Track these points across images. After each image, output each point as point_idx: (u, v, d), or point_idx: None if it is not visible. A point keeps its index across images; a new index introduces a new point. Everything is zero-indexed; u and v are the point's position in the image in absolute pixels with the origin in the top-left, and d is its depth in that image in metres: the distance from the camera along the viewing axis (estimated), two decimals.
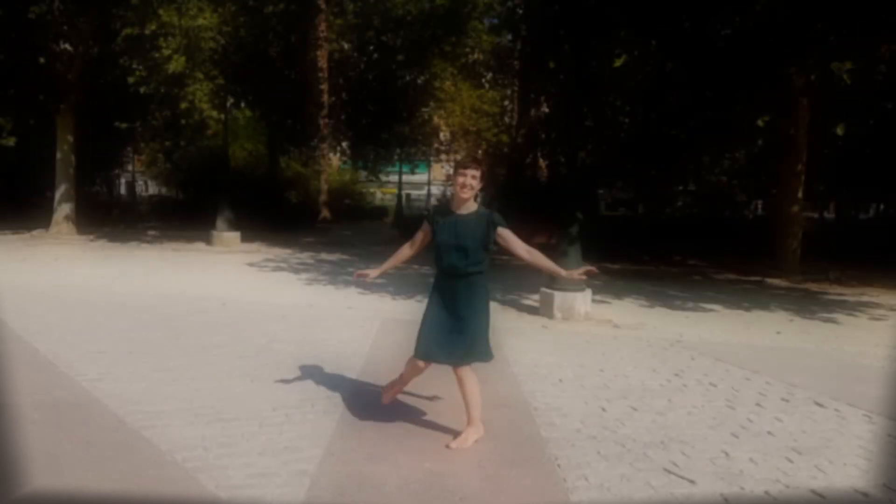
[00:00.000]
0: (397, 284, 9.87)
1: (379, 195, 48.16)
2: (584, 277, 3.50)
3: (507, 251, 3.47)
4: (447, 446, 3.47)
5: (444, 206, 3.55)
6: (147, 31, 13.33)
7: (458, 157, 27.78)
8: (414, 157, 35.75)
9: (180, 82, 13.83)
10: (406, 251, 3.66)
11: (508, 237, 3.42)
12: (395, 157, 30.27)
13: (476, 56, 30.41)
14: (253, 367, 4.93)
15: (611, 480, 3.14)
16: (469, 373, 3.47)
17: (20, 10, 14.30)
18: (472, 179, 3.34)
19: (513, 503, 2.87)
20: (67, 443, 3.35)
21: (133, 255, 12.98)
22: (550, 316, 7.55)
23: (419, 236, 3.58)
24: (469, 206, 3.42)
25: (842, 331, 7.62)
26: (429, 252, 3.57)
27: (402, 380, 3.72)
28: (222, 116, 17.19)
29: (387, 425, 3.75)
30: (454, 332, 3.39)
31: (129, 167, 34.76)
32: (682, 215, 21.95)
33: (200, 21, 13.30)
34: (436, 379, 4.65)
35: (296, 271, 11.32)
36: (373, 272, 3.64)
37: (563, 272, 3.59)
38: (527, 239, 3.52)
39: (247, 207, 19.75)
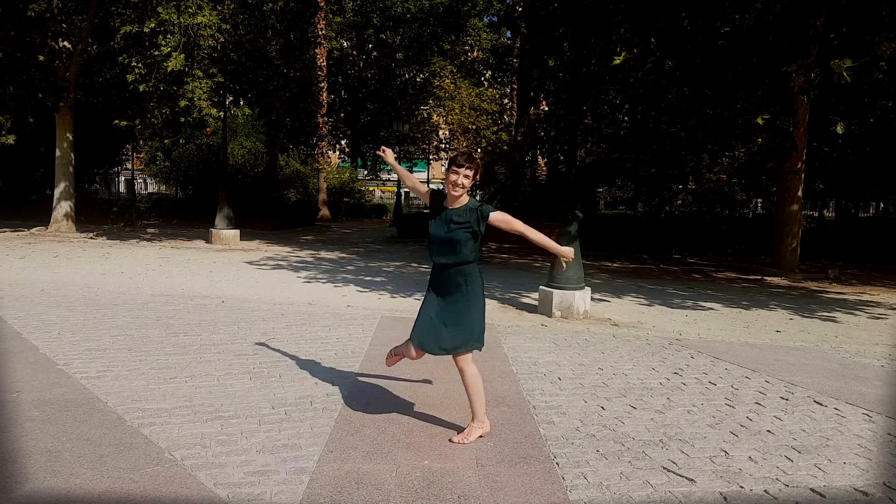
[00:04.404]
0: (396, 283, 9.87)
1: (378, 193, 48.23)
2: (563, 265, 3.72)
3: (510, 233, 3.45)
4: (450, 440, 3.50)
5: (442, 196, 3.52)
6: (146, 29, 13.34)
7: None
8: (413, 156, 35.81)
9: (179, 80, 13.85)
10: (416, 181, 4.16)
11: (505, 219, 3.39)
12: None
13: (475, 54, 30.44)
14: (252, 364, 4.93)
15: (610, 479, 3.14)
16: (467, 363, 3.44)
17: (19, 7, 14.29)
18: (464, 178, 3.34)
19: (511, 502, 2.87)
20: (66, 440, 3.35)
21: (132, 253, 12.98)
22: (549, 314, 7.55)
23: (424, 188, 3.85)
24: (461, 200, 3.43)
25: (841, 329, 7.62)
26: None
27: (401, 352, 3.71)
28: (221, 114, 17.18)
29: (386, 423, 3.75)
30: (447, 324, 3.42)
31: (129, 165, 34.78)
32: (682, 213, 21.96)
33: (199, 19, 13.31)
34: (438, 374, 4.66)
35: (295, 269, 11.31)
36: (391, 153, 3.91)
37: (558, 248, 3.52)
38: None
39: (246, 205, 19.79)
